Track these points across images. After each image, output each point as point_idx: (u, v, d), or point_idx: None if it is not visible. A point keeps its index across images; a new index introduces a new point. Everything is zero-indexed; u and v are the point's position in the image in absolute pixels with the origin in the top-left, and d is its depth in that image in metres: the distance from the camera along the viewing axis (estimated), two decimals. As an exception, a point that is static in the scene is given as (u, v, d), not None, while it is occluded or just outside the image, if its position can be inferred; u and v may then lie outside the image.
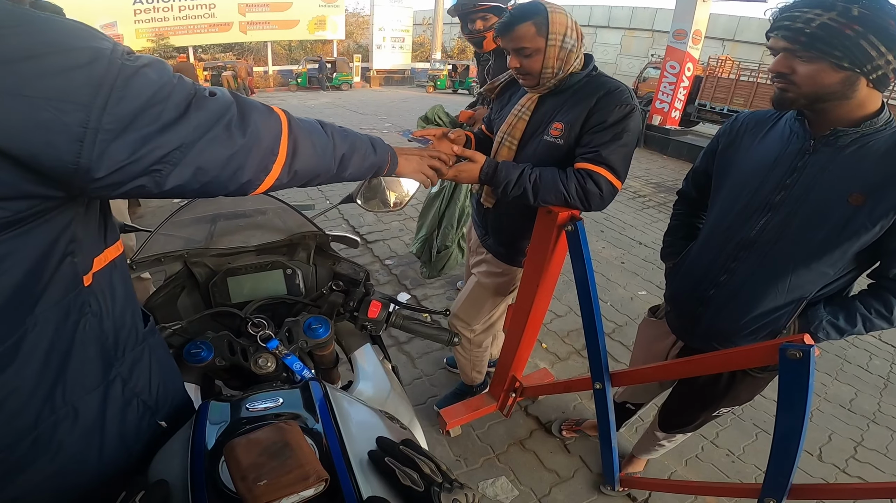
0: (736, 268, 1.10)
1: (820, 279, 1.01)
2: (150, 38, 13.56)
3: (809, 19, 0.84)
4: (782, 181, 1.00)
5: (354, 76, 15.17)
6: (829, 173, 0.95)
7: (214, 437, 0.61)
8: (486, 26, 1.95)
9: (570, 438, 1.94)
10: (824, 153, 0.96)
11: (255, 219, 1.07)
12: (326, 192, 4.67)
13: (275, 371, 0.82)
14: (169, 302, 0.94)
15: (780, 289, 1.03)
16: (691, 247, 1.26)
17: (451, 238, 2.12)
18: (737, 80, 9.11)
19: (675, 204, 1.42)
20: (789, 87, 0.91)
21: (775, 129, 1.07)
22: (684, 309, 1.25)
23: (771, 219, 1.02)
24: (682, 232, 1.36)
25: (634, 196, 5.29)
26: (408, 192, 1.17)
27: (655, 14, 18.56)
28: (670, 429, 1.50)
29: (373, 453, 0.61)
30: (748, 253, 1.07)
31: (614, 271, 3.47)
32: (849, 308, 1.00)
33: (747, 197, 1.06)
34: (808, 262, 0.99)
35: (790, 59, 0.89)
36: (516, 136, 1.32)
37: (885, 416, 2.30)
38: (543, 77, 1.23)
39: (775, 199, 1.01)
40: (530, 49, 1.18)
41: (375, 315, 0.91)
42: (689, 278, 1.22)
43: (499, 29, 1.22)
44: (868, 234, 0.92)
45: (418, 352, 2.36)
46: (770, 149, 1.05)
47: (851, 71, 0.84)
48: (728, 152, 1.16)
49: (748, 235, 1.06)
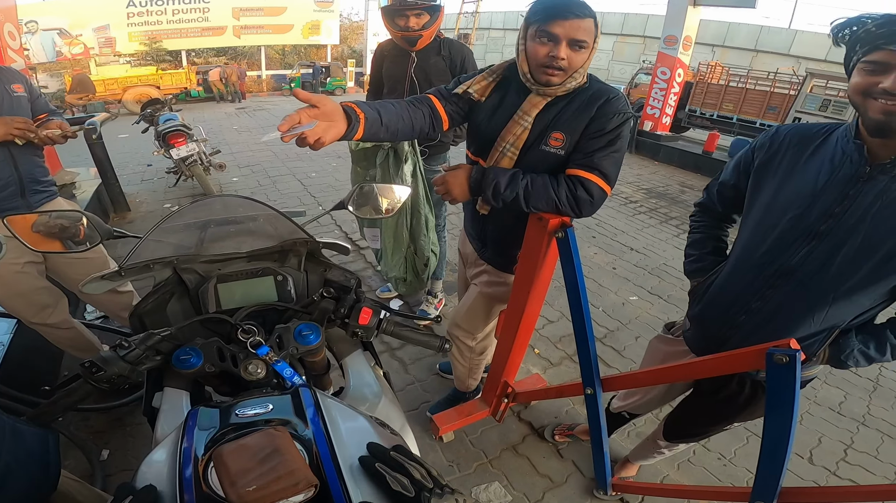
0: (771, 296, 1.04)
1: (857, 309, 0.97)
2: (143, 41, 13.53)
3: None
4: (831, 209, 0.93)
5: (348, 81, 15.16)
6: (882, 204, 0.88)
7: (203, 443, 0.61)
8: (422, 24, 1.94)
9: (562, 443, 1.95)
10: (880, 181, 0.88)
11: (246, 225, 1.07)
12: (319, 198, 4.67)
13: (265, 377, 0.81)
14: (158, 308, 0.93)
15: (815, 319, 1.00)
16: (721, 267, 1.19)
17: (427, 248, 2.11)
18: (726, 85, 9.20)
19: (695, 215, 1.34)
20: None
21: (824, 149, 0.98)
22: (710, 332, 1.20)
23: (815, 248, 0.96)
24: (709, 246, 1.28)
25: (626, 202, 5.32)
26: (399, 197, 1.18)
27: (647, 20, 18.76)
28: (676, 439, 1.48)
29: (363, 459, 0.61)
30: (786, 281, 1.01)
31: (606, 277, 3.49)
32: (880, 337, 0.98)
33: (790, 222, 0.98)
34: (849, 295, 0.95)
35: None
36: (518, 146, 1.25)
37: (875, 419, 2.32)
38: (572, 78, 1.18)
39: (821, 227, 0.94)
40: (586, 44, 1.13)
41: (366, 322, 0.90)
42: (719, 301, 1.16)
43: (560, 11, 1.10)
44: None
45: (411, 358, 2.36)
46: (818, 171, 0.96)
47: None
48: (766, 170, 1.06)
49: (788, 263, 0.99)
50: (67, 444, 1.72)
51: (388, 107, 1.17)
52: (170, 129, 4.23)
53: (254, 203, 1.07)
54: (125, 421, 1.91)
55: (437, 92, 1.32)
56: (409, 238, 2.08)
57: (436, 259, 2.22)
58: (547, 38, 1.12)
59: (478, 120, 1.33)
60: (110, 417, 1.92)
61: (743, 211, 1.14)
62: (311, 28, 15.81)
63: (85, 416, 1.91)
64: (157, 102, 4.88)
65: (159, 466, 0.62)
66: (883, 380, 2.63)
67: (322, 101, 0.94)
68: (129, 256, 0.94)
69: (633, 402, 1.61)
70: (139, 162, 5.66)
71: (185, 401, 0.83)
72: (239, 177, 5.23)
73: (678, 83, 7.91)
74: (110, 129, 4.77)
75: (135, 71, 12.42)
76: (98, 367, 0.74)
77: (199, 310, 0.94)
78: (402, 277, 2.18)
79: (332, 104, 0.98)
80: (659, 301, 3.21)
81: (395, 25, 1.97)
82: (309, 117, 0.92)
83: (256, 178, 5.25)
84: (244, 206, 1.07)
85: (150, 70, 12.54)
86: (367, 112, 1.08)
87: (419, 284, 2.24)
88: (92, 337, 1.97)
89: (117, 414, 1.93)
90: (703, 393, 1.33)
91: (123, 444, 1.82)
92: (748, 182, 1.11)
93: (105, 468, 1.70)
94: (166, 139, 4.19)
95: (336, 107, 0.99)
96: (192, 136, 4.33)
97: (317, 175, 5.39)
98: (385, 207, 1.17)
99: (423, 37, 1.98)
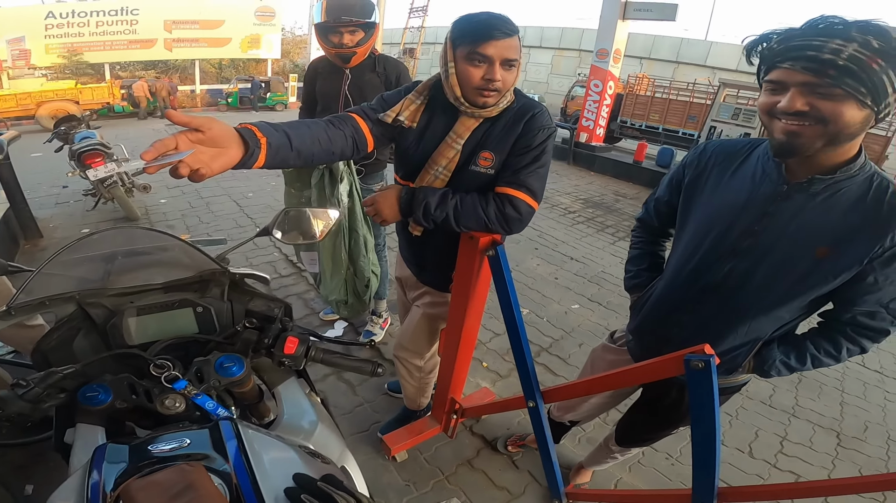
0: (699, 310, 1.08)
1: (776, 322, 1.02)
2: (62, 53, 12.62)
3: (836, 49, 0.72)
4: (751, 227, 0.96)
5: (290, 96, 14.82)
6: (798, 222, 0.90)
7: (113, 478, 0.59)
8: (356, 41, 1.93)
9: (516, 453, 1.96)
10: (797, 200, 0.90)
11: (157, 256, 1.00)
12: (257, 219, 4.49)
13: (185, 411, 0.78)
14: (63, 345, 0.87)
15: (739, 332, 1.04)
16: (657, 282, 1.23)
17: (368, 269, 2.08)
18: (652, 97, 9.80)
19: (635, 230, 1.36)
20: (807, 129, 0.79)
21: (745, 167, 1.00)
22: (647, 344, 1.25)
23: (737, 265, 0.99)
24: (646, 262, 1.32)
25: (565, 212, 5.51)
26: (330, 221, 1.15)
27: (582, 34, 19.77)
28: (628, 445, 1.53)
29: (289, 490, 0.60)
30: (711, 296, 1.05)
31: (548, 287, 3.57)
32: (800, 348, 1.03)
33: (714, 240, 1.02)
34: (769, 309, 0.99)
35: (808, 96, 0.77)
36: (451, 169, 1.22)
37: (804, 410, 2.49)
38: (504, 96, 1.17)
39: (743, 245, 0.97)
40: (516, 62, 1.12)
41: (292, 351, 0.88)
42: (654, 315, 1.20)
43: (488, 32, 1.07)
44: (828, 285, 0.92)
45: (358, 380, 2.30)
46: (740, 189, 0.98)
47: (871, 109, 0.76)
48: (694, 186, 1.09)
49: (713, 280, 1.03)
50: None
51: (301, 128, 1.03)
52: (86, 148, 3.90)
53: (160, 234, 1.01)
54: (48, 455, 1.75)
55: (362, 111, 1.22)
56: (347, 260, 2.03)
57: (377, 280, 2.18)
58: (480, 59, 1.10)
59: (406, 143, 1.28)
60: (32, 452, 1.77)
61: (676, 227, 1.17)
62: (250, 42, 15.38)
63: (3, 452, 1.75)
64: (73, 119, 4.52)
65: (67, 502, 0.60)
66: (806, 371, 2.84)
67: (207, 124, 0.76)
68: (18, 293, 0.86)
69: (573, 415, 1.64)
70: (53, 183, 5.19)
71: (100, 437, 0.79)
72: (167, 198, 4.91)
73: (610, 95, 8.35)
74: (22, 147, 4.33)
75: (51, 85, 11.56)
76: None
77: (110, 346, 0.89)
78: (343, 300, 2.13)
79: (222, 127, 0.80)
80: (599, 308, 3.33)
81: (328, 42, 1.94)
82: (188, 143, 0.74)
83: (187, 199, 4.95)
84: (150, 237, 1.01)
85: (68, 84, 11.69)
86: (272, 136, 0.92)
87: (360, 306, 2.19)
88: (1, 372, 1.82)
89: (38, 449, 1.76)
90: (648, 400, 1.39)
91: (49, 479, 1.68)
92: (679, 198, 1.14)
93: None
94: (82, 159, 3.86)
95: (227, 130, 0.81)
96: (112, 155, 4.02)
97: (254, 195, 5.17)
98: (317, 231, 1.13)
99: (358, 54, 1.97)
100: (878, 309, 0.93)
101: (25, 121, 10.38)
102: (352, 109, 1.23)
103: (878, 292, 0.90)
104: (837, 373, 2.89)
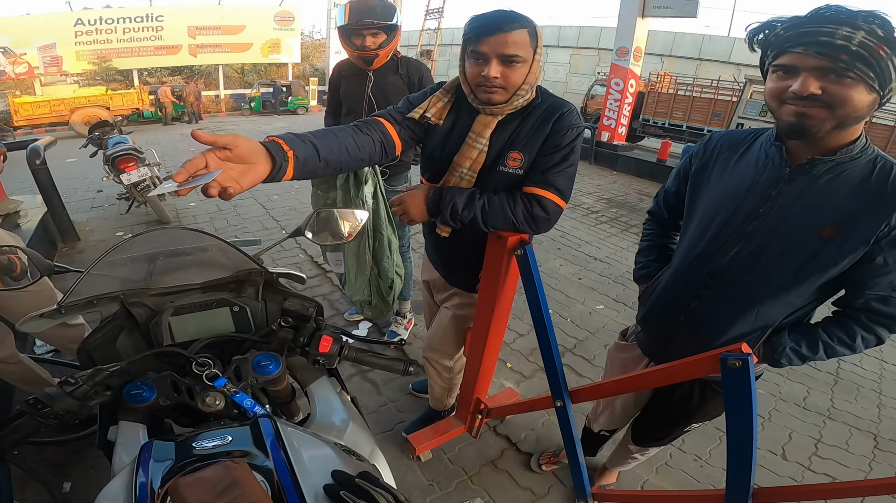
0: (707, 296, 1.08)
1: (786, 308, 1.01)
2: (92, 60, 13.04)
3: (847, 36, 0.76)
4: (755, 210, 0.97)
5: (311, 100, 15.04)
6: (802, 204, 0.92)
7: (160, 476, 0.60)
8: (378, 43, 1.95)
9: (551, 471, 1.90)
10: (800, 182, 0.92)
11: (196, 256, 1.03)
12: (282, 221, 4.57)
13: (224, 409, 0.80)
14: (107, 343, 0.90)
15: (747, 318, 1.03)
16: (665, 271, 1.23)
17: (392, 271, 2.10)
18: (675, 94, 9.63)
19: (646, 223, 1.38)
20: (817, 111, 0.82)
21: (750, 153, 1.02)
22: (656, 333, 1.25)
23: (742, 249, 1.00)
24: (655, 253, 1.32)
25: (588, 213, 5.46)
26: (359, 221, 1.17)
27: (601, 32, 19.43)
28: (644, 443, 1.51)
29: (328, 487, 0.61)
30: (719, 282, 1.05)
31: (572, 288, 3.54)
32: (812, 336, 1.01)
33: (720, 225, 1.03)
34: (777, 293, 0.99)
35: (819, 80, 0.80)
36: (476, 170, 1.22)
37: (840, 412, 2.41)
38: (518, 94, 1.14)
39: (748, 228, 0.98)
40: (521, 58, 1.09)
41: (327, 350, 0.90)
42: (662, 303, 1.20)
43: (484, 28, 1.07)
44: (836, 267, 0.91)
45: (383, 380, 2.32)
46: (744, 174, 1.01)
47: (877, 93, 0.80)
48: (701, 175, 1.11)
49: (720, 264, 1.04)
50: (26, 478, 1.67)
51: (328, 138, 1.02)
52: (119, 153, 4.04)
53: (201, 234, 1.03)
54: (85, 453, 1.84)
55: (388, 114, 1.22)
56: (371, 261, 2.06)
57: (401, 281, 2.20)
58: (478, 57, 1.10)
59: (432, 145, 1.28)
60: (69, 450, 1.84)
61: (684, 216, 1.18)
62: (270, 46, 15.64)
63: (41, 449, 1.83)
64: (106, 124, 4.67)
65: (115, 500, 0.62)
66: (843, 372, 2.74)
67: (234, 142, 0.75)
68: (69, 293, 0.90)
69: (606, 419, 1.62)
70: (89, 188, 5.40)
71: (141, 434, 0.81)
72: (196, 202, 5.05)
73: (631, 93, 8.23)
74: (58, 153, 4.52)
75: (83, 91, 11.99)
76: (43, 404, 0.72)
77: (152, 344, 0.92)
78: (367, 300, 2.15)
79: (249, 143, 0.79)
80: (624, 308, 3.28)
81: (351, 45, 1.97)
82: (217, 161, 0.74)
83: (215, 202, 5.07)
84: (192, 238, 1.04)
85: (99, 90, 12.11)
86: (299, 148, 0.92)
87: (385, 307, 2.22)
88: (42, 371, 1.89)
89: (76, 446, 1.86)
90: (660, 396, 1.38)
91: (86, 477, 1.75)
92: (687, 189, 1.15)
93: (69, 500, 1.66)
94: (116, 164, 4.00)
95: (254, 146, 0.81)
96: (144, 159, 4.15)
97: (279, 198, 5.28)
98: (344, 232, 1.15)
99: (380, 56, 1.99)
100: (892, 293, 0.92)
101: (59, 127, 10.81)
102: (378, 113, 1.23)
103: (888, 274, 0.90)
104: (875, 374, 2.79)
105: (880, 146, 8.45)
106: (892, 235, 0.86)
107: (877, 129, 8.06)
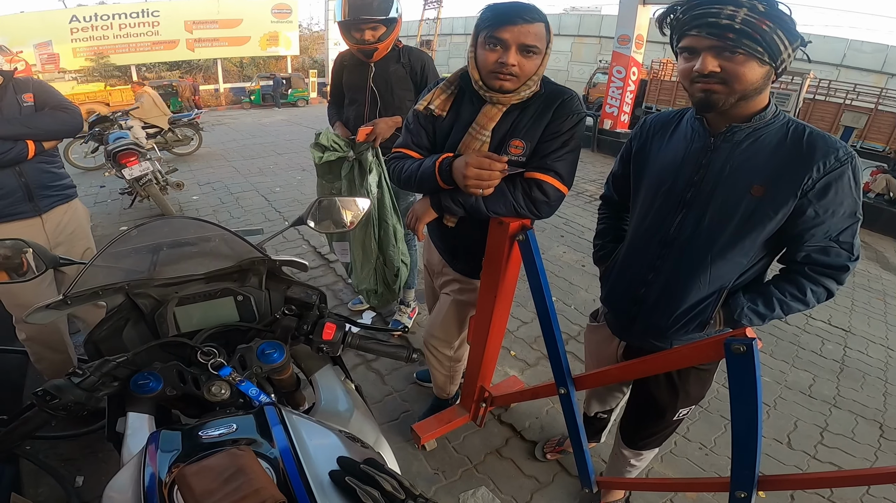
0: (661, 266, 1.13)
1: (736, 268, 1.05)
2: (89, 56, 12.97)
3: (731, 15, 0.83)
4: (691, 178, 1.04)
5: (311, 92, 14.94)
6: (730, 168, 0.99)
7: (167, 465, 0.61)
8: (377, 37, 1.94)
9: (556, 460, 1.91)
10: (724, 149, 1.00)
11: (200, 246, 1.03)
12: (284, 212, 4.57)
13: (230, 398, 0.81)
14: (113, 335, 0.91)
15: (702, 282, 1.07)
16: (620, 249, 1.29)
17: (397, 259, 2.10)
18: (678, 82, 9.54)
19: (600, 208, 1.45)
20: (718, 87, 0.90)
21: (679, 130, 1.11)
22: (620, 309, 1.28)
23: (686, 215, 1.06)
24: (609, 235, 1.39)
25: (591, 200, 5.44)
26: (360, 210, 1.17)
27: (602, 20, 19.21)
28: (635, 445, 1.46)
29: (333, 474, 0.61)
30: (670, 250, 1.11)
31: (576, 275, 3.54)
32: (765, 294, 1.05)
33: (662, 196, 1.10)
34: (724, 254, 1.03)
35: (717, 58, 0.88)
36: None
37: (846, 400, 2.40)
38: (526, 85, 1.17)
39: (687, 196, 1.05)
40: (538, 49, 1.13)
41: (330, 337, 0.90)
42: (622, 279, 1.25)
43: (508, 15, 1.09)
44: (772, 222, 0.97)
45: (387, 369, 2.33)
46: (676, 149, 1.09)
47: (769, 65, 0.88)
48: (640, 155, 1.19)
49: (668, 233, 1.10)
50: (39, 473, 1.68)
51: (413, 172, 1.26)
52: (120, 147, 4.03)
53: (204, 224, 1.03)
54: (96, 447, 1.85)
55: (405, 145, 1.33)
56: (377, 250, 2.06)
57: (406, 269, 2.20)
58: (496, 44, 1.11)
59: (438, 139, 1.31)
60: (81, 445, 1.86)
61: (631, 195, 1.24)
62: (268, 39, 15.50)
63: (54, 445, 1.85)
64: (106, 120, 4.67)
65: (124, 491, 0.62)
66: (849, 360, 2.73)
67: None
68: (73, 284, 0.90)
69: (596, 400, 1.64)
70: (91, 183, 5.40)
71: (149, 425, 0.82)
72: (199, 195, 5.05)
73: (633, 81, 8.19)
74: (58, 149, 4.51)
75: (81, 87, 11.89)
76: (52, 396, 0.72)
77: (157, 335, 0.93)
78: (373, 289, 2.16)
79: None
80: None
81: (351, 38, 1.96)
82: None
83: (218, 195, 5.09)
84: (195, 228, 1.04)
85: (98, 86, 12.03)
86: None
87: (391, 296, 2.22)
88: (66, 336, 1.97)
89: (88, 441, 1.87)
90: (635, 391, 1.38)
91: (97, 470, 1.77)
92: (631, 169, 1.22)
93: (81, 494, 1.66)
94: (117, 158, 4.00)
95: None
96: (146, 154, 4.15)
97: (281, 189, 5.27)
98: (346, 220, 1.15)
99: (380, 49, 1.98)
100: (829, 244, 0.97)
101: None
102: (398, 145, 1.33)
103: (821, 224, 0.95)
104: (881, 362, 2.78)
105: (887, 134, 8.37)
106: (816, 187, 0.92)
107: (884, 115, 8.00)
